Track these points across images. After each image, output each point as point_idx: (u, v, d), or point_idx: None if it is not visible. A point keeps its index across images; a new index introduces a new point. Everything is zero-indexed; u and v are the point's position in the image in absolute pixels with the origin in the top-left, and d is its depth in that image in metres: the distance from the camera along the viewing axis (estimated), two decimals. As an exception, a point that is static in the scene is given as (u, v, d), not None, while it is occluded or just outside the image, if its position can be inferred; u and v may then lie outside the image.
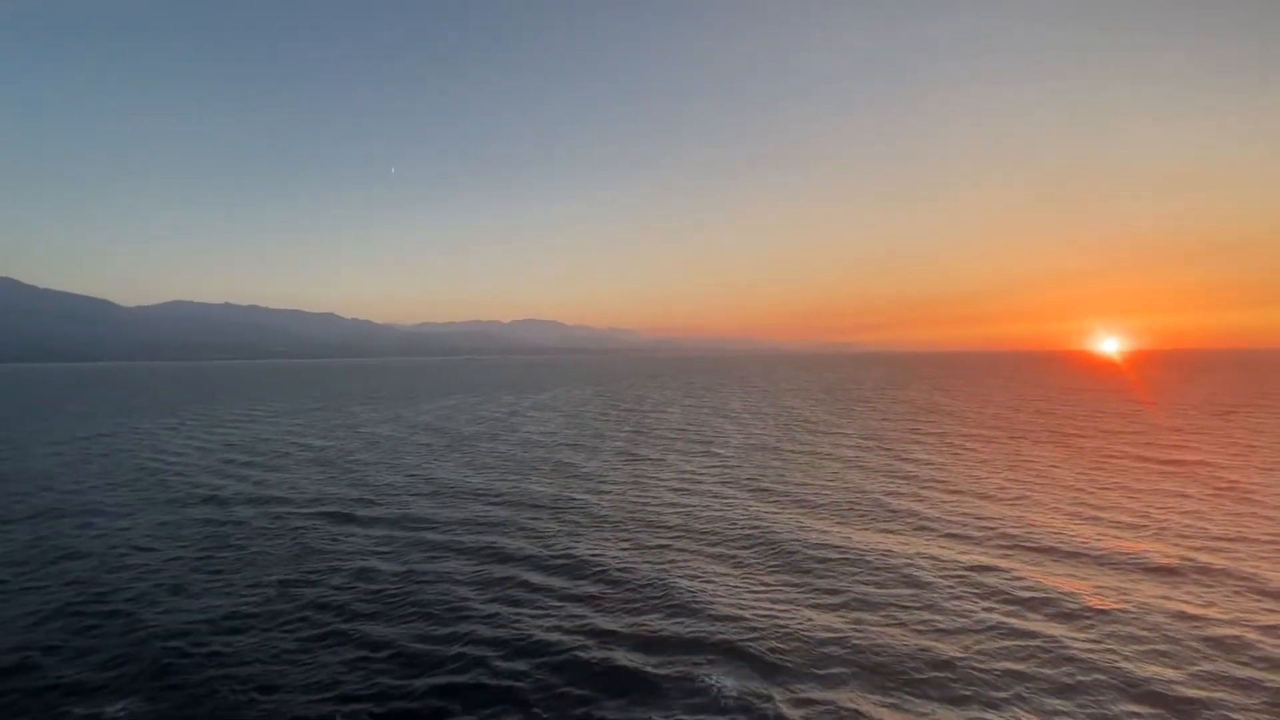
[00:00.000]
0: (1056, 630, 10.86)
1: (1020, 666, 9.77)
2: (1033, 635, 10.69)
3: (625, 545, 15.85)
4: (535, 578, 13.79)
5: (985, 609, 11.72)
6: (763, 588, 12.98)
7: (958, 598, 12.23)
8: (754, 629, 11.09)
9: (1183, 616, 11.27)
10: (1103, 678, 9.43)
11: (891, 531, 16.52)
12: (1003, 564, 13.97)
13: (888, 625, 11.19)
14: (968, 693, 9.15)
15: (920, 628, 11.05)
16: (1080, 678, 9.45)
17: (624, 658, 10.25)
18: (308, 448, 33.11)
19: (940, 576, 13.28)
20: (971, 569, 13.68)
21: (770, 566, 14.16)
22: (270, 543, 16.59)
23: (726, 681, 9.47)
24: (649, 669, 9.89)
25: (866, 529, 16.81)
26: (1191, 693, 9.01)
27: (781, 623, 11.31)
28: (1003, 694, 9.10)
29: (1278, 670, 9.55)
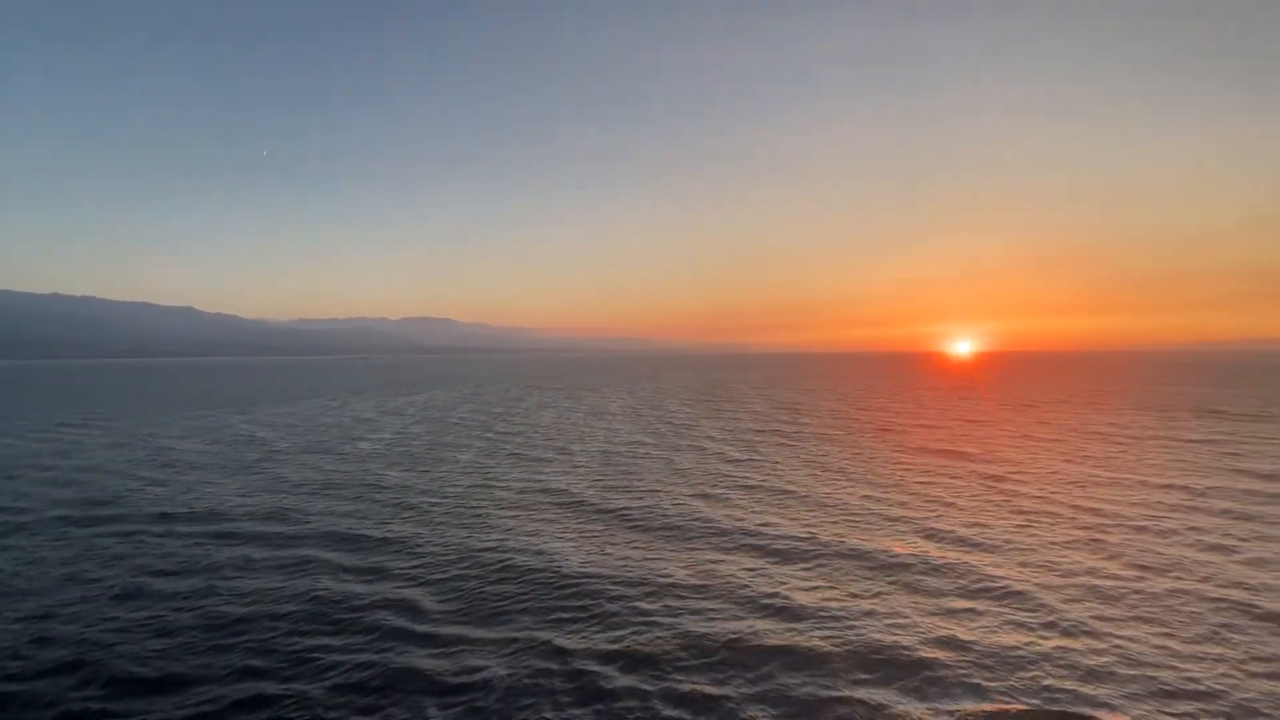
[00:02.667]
0: (783, 629, 10.74)
1: (753, 665, 9.41)
2: (776, 635, 10.50)
3: (405, 578, 14.22)
4: (272, 623, 11.73)
5: (735, 614, 11.43)
6: (513, 607, 11.97)
7: (718, 602, 11.88)
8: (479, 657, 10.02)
9: (909, 613, 11.60)
10: (815, 677, 9.25)
11: (686, 539, 16.31)
12: (772, 568, 13.99)
13: (624, 631, 10.56)
14: (685, 697, 8.71)
15: (659, 634, 10.53)
16: (793, 679, 9.21)
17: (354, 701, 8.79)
18: (60, 466, 27.59)
19: (707, 581, 12.97)
20: (742, 571, 13.52)
21: (539, 584, 13.19)
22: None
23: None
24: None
25: (664, 539, 16.47)
26: (880, 694, 9.00)
27: (513, 643, 10.35)
28: (719, 694, 8.68)
29: (990, 667, 9.84)
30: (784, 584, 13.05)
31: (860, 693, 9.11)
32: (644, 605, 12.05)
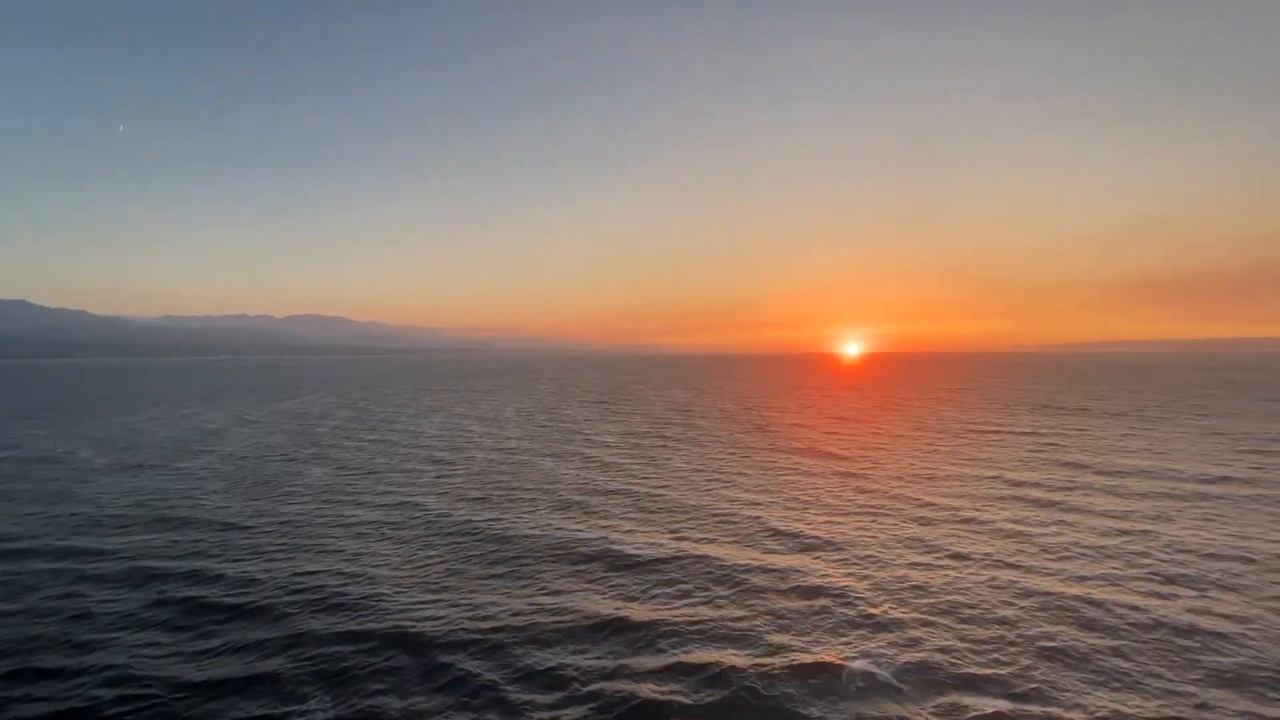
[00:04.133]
0: (622, 645, 10.46)
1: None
2: (617, 651, 10.11)
3: (214, 616, 12.52)
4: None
5: (577, 628, 10.98)
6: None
7: (567, 617, 11.34)
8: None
9: (744, 615, 11.71)
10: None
11: (544, 552, 15.73)
12: (621, 579, 13.75)
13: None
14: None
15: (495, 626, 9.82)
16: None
17: None
18: None
19: (557, 600, 12.41)
20: (589, 584, 13.14)
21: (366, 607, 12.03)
22: None
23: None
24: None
25: (526, 555, 15.79)
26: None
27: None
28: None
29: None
30: (630, 598, 12.76)
31: (683, 703, 8.92)
32: (484, 624, 11.29)
